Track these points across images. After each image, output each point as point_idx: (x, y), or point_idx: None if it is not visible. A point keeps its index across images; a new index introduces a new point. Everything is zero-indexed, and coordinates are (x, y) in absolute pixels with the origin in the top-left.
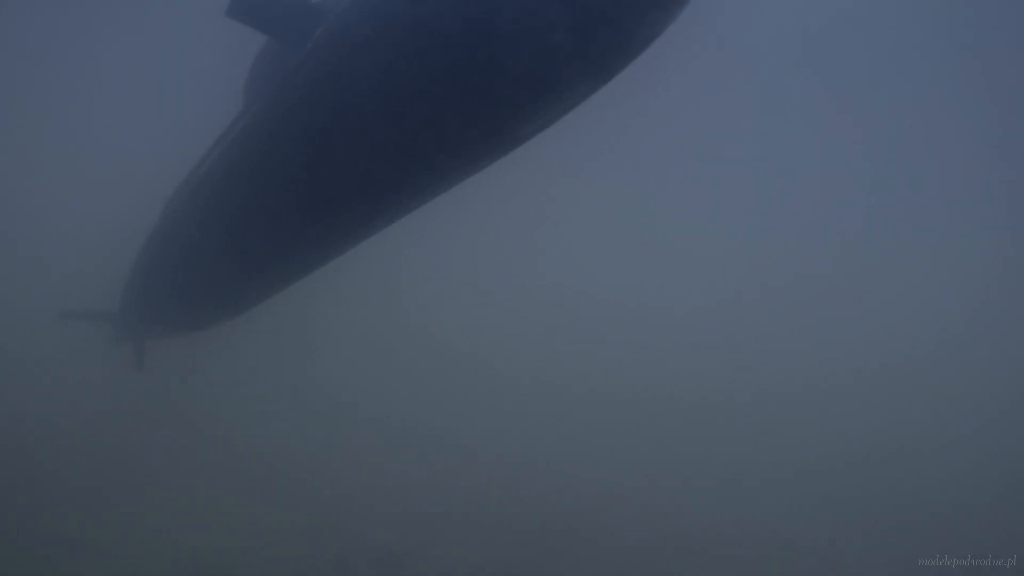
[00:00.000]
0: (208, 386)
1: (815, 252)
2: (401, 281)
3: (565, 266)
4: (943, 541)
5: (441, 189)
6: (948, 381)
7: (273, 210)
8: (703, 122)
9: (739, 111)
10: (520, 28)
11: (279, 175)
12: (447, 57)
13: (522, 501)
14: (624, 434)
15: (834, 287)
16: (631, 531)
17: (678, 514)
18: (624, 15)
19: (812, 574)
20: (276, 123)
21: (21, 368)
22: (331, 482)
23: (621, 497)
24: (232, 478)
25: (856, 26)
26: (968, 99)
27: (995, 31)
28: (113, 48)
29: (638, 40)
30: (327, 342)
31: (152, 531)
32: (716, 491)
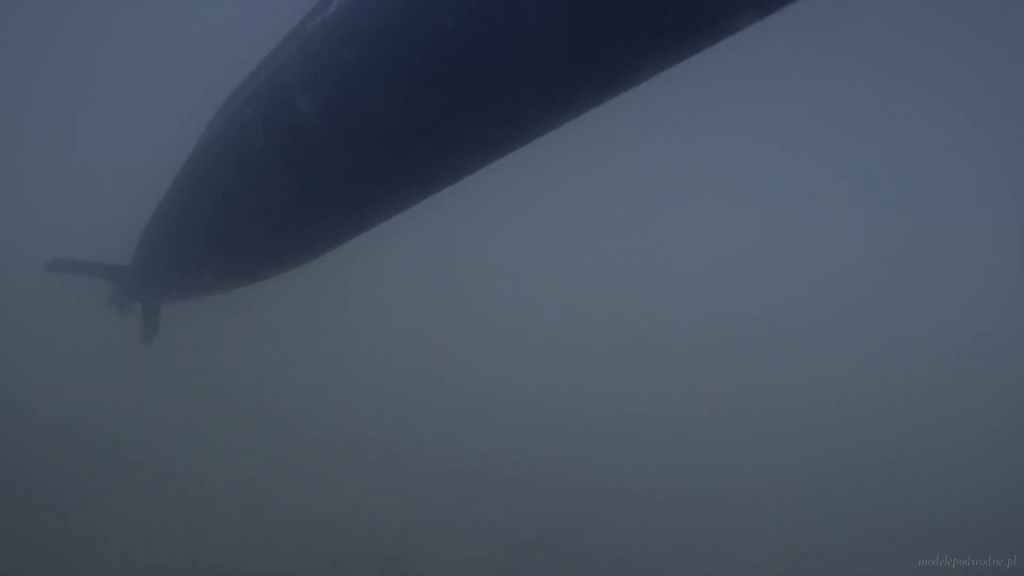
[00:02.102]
0: (206, 383)
1: (820, 261)
2: (405, 278)
3: (567, 271)
4: (943, 542)
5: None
6: (951, 391)
7: (378, 109)
8: (701, 129)
9: (739, 118)
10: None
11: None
12: None
13: (524, 503)
14: (628, 438)
15: (834, 302)
16: (633, 535)
17: (681, 519)
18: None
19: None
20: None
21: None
22: (331, 482)
23: (624, 501)
24: (232, 477)
25: (862, 38)
26: (976, 104)
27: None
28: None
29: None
30: (328, 340)
31: (150, 530)
32: (719, 497)
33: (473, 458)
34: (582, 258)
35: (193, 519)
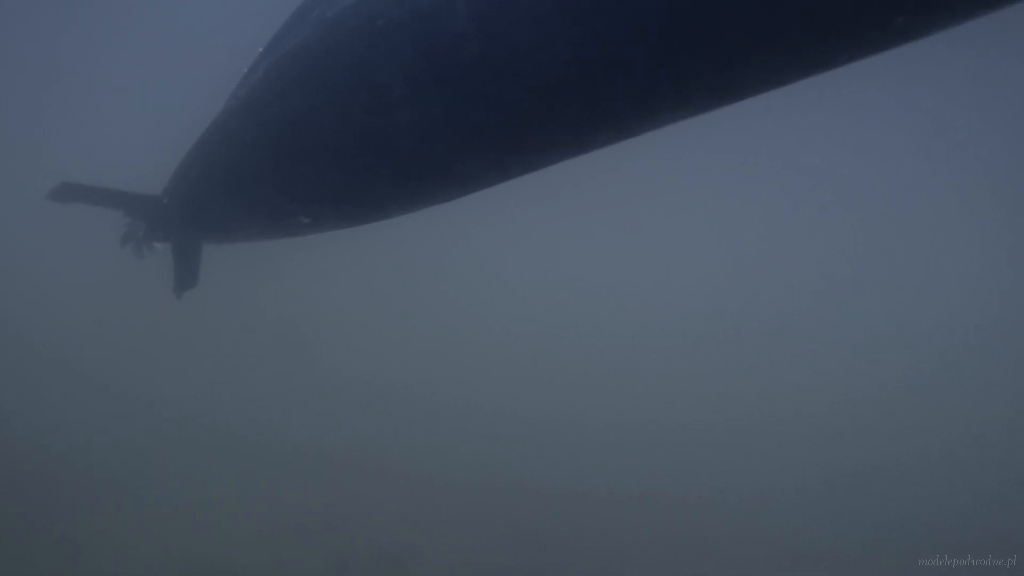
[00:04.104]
0: (205, 383)
1: (812, 265)
2: (408, 273)
3: (563, 278)
4: (943, 542)
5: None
6: (950, 391)
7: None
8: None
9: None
10: None
11: None
12: None
13: (523, 502)
14: (627, 443)
15: (829, 305)
16: (631, 538)
17: (680, 522)
18: None
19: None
20: None
21: None
22: (331, 482)
23: (623, 504)
24: (231, 478)
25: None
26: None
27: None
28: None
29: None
30: (328, 339)
31: (150, 531)
32: (718, 500)
33: (473, 463)
34: (578, 264)
35: (196, 521)
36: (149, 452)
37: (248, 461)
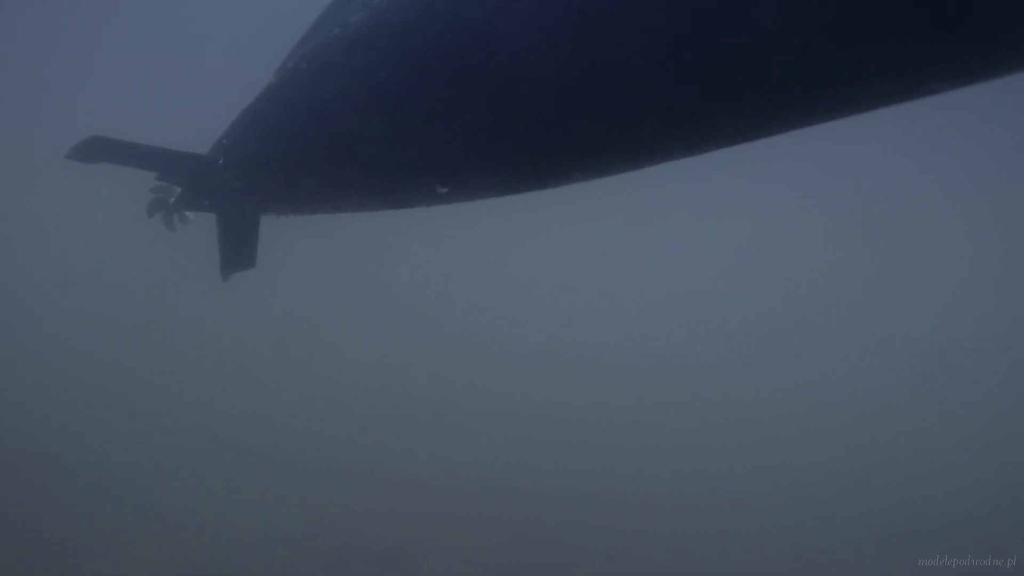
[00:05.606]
0: (207, 388)
1: (811, 267)
2: (407, 277)
3: (563, 281)
4: (943, 542)
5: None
6: (949, 391)
7: None
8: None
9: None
10: None
11: None
12: None
13: (523, 502)
14: (628, 445)
15: (829, 306)
16: (632, 537)
17: (681, 522)
18: None
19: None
20: None
21: None
22: (332, 484)
23: (623, 504)
24: (232, 479)
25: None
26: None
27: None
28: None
29: None
30: (328, 343)
31: (154, 535)
32: (719, 501)
33: (473, 464)
34: (579, 268)
35: (199, 524)
36: (151, 457)
37: (250, 464)
